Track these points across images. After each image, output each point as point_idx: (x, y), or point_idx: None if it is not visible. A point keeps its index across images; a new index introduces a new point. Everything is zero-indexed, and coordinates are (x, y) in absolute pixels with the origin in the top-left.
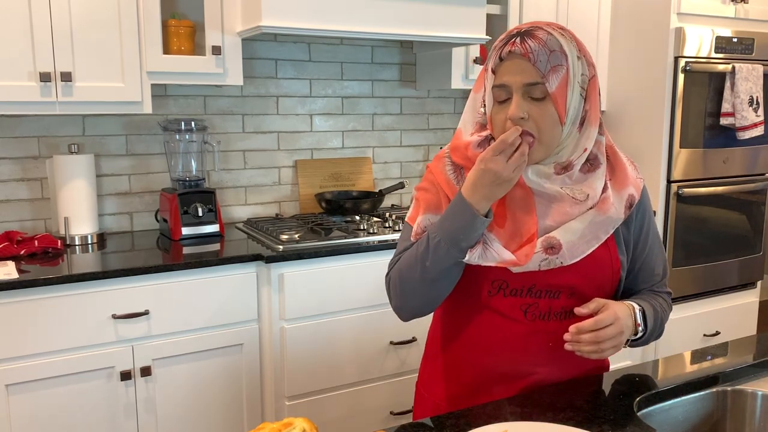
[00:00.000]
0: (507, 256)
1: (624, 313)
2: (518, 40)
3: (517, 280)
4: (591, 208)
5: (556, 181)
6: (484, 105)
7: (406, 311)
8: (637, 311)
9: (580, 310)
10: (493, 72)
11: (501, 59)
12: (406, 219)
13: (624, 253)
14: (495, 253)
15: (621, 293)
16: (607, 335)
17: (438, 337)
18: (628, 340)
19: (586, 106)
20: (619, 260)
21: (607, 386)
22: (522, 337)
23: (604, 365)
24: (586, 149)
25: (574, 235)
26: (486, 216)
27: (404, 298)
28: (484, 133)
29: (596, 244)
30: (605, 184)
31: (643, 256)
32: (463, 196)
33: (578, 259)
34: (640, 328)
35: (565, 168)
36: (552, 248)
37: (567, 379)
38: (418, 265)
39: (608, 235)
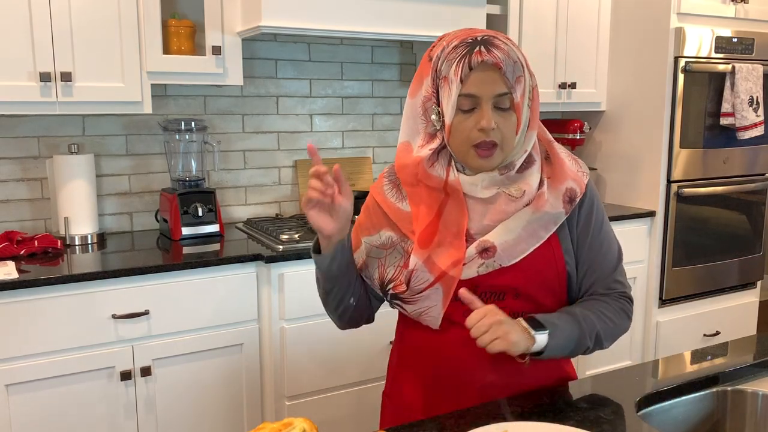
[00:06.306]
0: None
1: (502, 315)
2: (483, 48)
3: (459, 285)
4: (527, 205)
5: (496, 182)
6: (439, 113)
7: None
8: (524, 322)
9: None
10: (461, 81)
11: (471, 68)
12: None
13: (570, 253)
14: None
15: (579, 294)
16: (474, 318)
17: (396, 346)
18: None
19: (530, 113)
20: (564, 260)
21: (607, 386)
22: (470, 340)
23: (570, 375)
24: (526, 150)
25: (509, 235)
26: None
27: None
28: (435, 144)
29: (537, 243)
30: (542, 180)
31: (591, 254)
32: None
33: (518, 259)
34: (536, 334)
35: (507, 168)
36: (486, 251)
37: (520, 384)
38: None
39: (550, 233)
